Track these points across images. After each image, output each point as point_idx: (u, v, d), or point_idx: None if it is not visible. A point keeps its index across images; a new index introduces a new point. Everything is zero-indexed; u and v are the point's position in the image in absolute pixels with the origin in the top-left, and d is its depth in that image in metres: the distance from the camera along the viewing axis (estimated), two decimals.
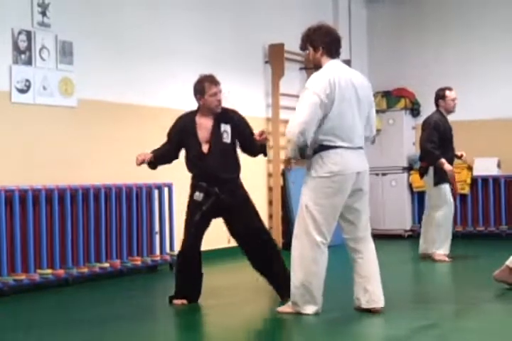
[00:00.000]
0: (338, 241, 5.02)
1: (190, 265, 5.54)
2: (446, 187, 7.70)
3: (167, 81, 8.01)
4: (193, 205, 5.47)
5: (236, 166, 5.59)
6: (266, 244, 5.49)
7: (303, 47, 5.12)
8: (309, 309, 4.87)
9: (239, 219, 5.47)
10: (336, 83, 4.83)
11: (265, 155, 5.72)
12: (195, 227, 5.43)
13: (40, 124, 6.66)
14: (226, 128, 5.50)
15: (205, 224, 5.51)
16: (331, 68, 4.96)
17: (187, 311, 5.42)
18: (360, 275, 4.95)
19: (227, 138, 5.49)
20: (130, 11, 7.62)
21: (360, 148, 4.97)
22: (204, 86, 5.46)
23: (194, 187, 5.47)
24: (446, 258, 7.58)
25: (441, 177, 7.66)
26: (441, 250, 7.64)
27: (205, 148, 5.48)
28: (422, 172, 7.85)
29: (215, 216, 5.52)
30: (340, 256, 5.19)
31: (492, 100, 10.32)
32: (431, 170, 7.70)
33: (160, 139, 7.80)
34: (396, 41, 11.22)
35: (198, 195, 5.37)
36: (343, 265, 5.14)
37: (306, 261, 4.83)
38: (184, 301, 5.53)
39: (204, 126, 5.50)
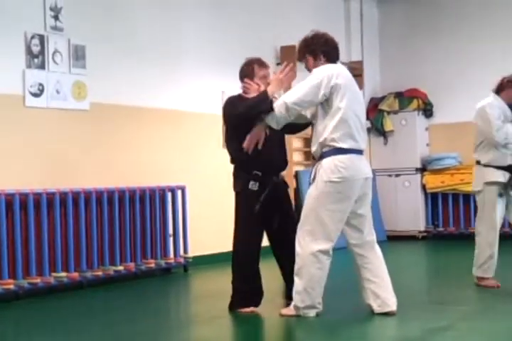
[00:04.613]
0: (342, 243, 5.00)
1: (253, 264, 5.19)
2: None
3: (179, 83, 8.02)
4: (247, 197, 5.12)
5: (285, 156, 5.36)
6: (293, 244, 5.26)
7: (300, 58, 5.10)
8: (311, 313, 4.89)
9: (281, 213, 5.21)
10: (340, 78, 4.85)
11: None
12: (257, 220, 5.11)
13: (54, 128, 6.68)
14: None
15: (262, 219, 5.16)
16: (335, 66, 5.00)
17: (198, 313, 5.43)
18: (370, 280, 4.93)
19: None
20: (142, 15, 7.64)
21: (363, 152, 4.96)
22: (253, 68, 5.24)
23: (243, 178, 5.14)
24: None
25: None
26: None
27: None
28: None
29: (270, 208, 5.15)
30: (346, 258, 5.17)
31: None
32: None
33: (173, 141, 7.85)
34: (408, 42, 11.19)
35: (254, 184, 5.08)
36: (349, 266, 5.12)
37: (312, 268, 4.82)
38: (254, 309, 5.16)
39: None
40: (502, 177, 6.03)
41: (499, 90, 6.21)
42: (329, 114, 4.83)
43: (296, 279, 4.89)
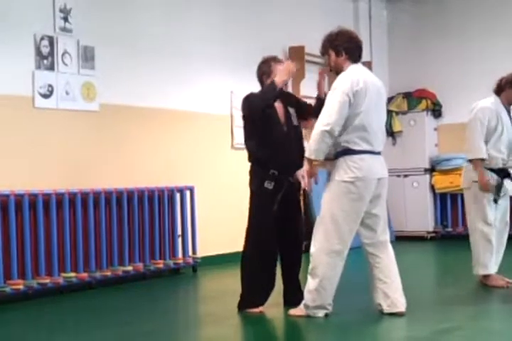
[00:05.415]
0: (357, 243, 5.02)
1: (264, 264, 5.16)
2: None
3: (188, 84, 8.03)
4: (262, 196, 5.13)
5: (303, 152, 5.09)
6: (300, 246, 5.37)
7: (323, 52, 5.09)
8: (319, 313, 4.91)
9: (292, 214, 5.26)
10: (361, 83, 4.84)
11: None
12: (270, 220, 5.11)
13: (63, 129, 6.71)
14: (291, 111, 5.30)
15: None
16: (356, 70, 4.97)
17: (206, 314, 5.44)
18: (381, 280, 4.94)
19: (295, 121, 5.29)
20: (151, 16, 7.66)
21: (380, 153, 4.96)
22: (271, 65, 5.24)
23: (260, 177, 5.14)
24: None
25: None
26: None
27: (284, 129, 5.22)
28: None
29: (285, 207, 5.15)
30: (358, 259, 5.19)
31: None
32: None
33: (182, 142, 7.87)
34: (416, 42, 11.18)
35: (269, 184, 5.07)
36: (361, 267, 5.13)
37: (325, 268, 4.83)
38: (262, 309, 5.16)
39: (276, 107, 5.25)
40: (491, 178, 6.01)
41: (499, 91, 6.17)
42: (347, 118, 4.82)
43: (309, 278, 4.92)
